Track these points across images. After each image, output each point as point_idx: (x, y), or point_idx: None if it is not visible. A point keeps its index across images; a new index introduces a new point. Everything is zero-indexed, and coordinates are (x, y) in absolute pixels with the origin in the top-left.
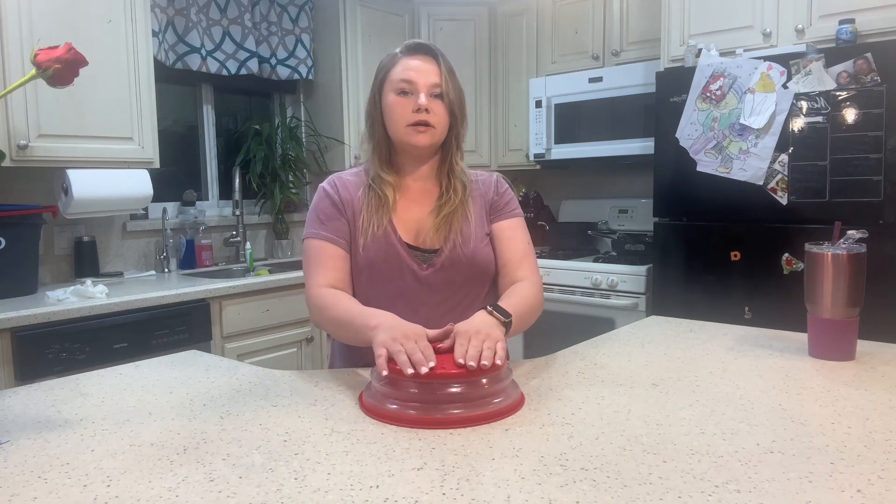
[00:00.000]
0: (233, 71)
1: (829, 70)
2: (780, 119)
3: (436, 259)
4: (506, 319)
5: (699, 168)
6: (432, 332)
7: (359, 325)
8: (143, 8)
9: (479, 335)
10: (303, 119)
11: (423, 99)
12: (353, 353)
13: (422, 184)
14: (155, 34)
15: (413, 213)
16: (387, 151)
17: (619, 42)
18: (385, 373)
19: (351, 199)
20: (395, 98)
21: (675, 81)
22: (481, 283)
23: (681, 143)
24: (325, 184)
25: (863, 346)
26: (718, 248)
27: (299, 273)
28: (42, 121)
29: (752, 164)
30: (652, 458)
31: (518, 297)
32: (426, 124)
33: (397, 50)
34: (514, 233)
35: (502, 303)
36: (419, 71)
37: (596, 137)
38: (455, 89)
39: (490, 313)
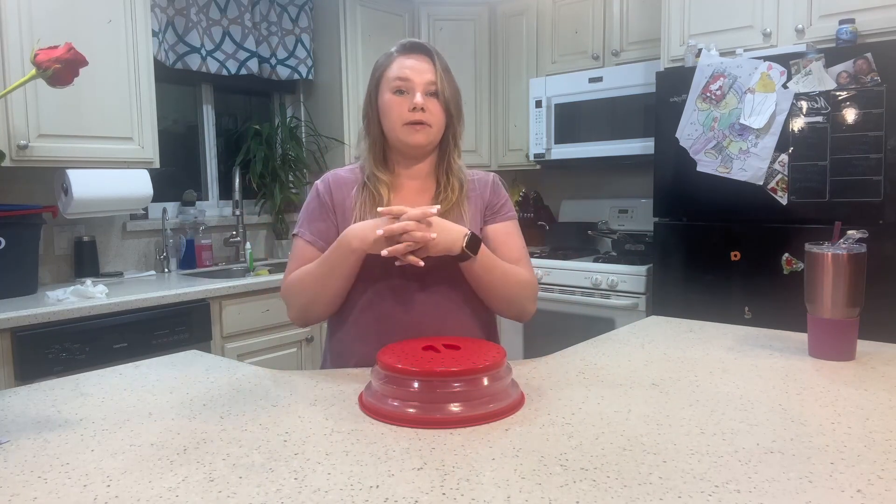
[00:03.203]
0: (233, 71)
1: (829, 70)
2: (780, 119)
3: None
4: (469, 250)
5: (699, 168)
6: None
7: (335, 257)
8: (143, 8)
9: (430, 228)
10: (303, 119)
11: (418, 98)
12: (343, 356)
13: (417, 182)
14: (155, 34)
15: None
16: (382, 150)
17: (619, 42)
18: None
19: (343, 198)
20: (391, 97)
21: (675, 81)
22: None
23: (681, 143)
24: (319, 182)
25: (863, 346)
26: (718, 248)
27: None
28: (42, 121)
29: (752, 164)
30: (652, 458)
31: (508, 266)
32: (422, 123)
33: (393, 49)
34: (509, 237)
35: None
36: (414, 69)
37: (596, 137)
38: (451, 87)
39: (467, 237)
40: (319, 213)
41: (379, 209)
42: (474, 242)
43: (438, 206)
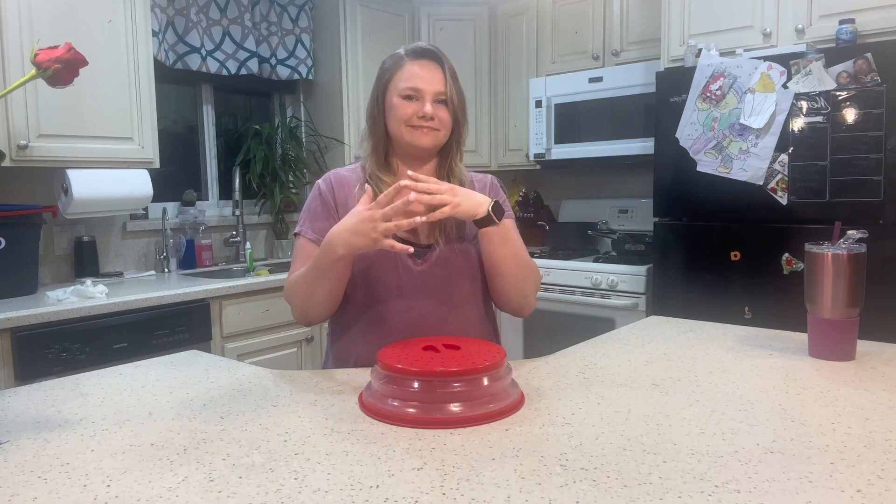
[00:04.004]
0: (233, 71)
1: (829, 70)
2: (780, 119)
3: (430, 254)
4: (494, 213)
5: (699, 168)
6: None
7: (323, 262)
8: (143, 8)
9: (448, 191)
10: (303, 119)
11: (428, 107)
12: (344, 357)
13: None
14: (155, 34)
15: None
16: (385, 151)
17: (619, 42)
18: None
19: (345, 197)
20: (400, 101)
21: (675, 81)
22: (475, 279)
23: (681, 143)
24: (321, 181)
25: (863, 346)
26: (718, 248)
27: None
28: (42, 121)
29: (752, 164)
30: (652, 458)
31: (521, 244)
32: (430, 129)
33: (401, 51)
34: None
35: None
36: (425, 78)
37: (596, 137)
38: (458, 93)
39: (492, 202)
40: (322, 211)
41: (408, 174)
42: (499, 207)
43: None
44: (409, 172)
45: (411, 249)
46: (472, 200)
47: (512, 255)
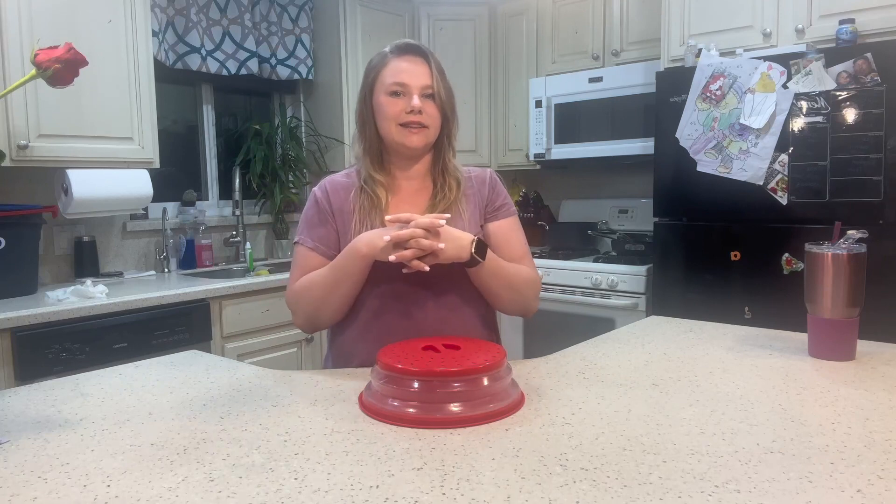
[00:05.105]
0: (233, 71)
1: (829, 70)
2: (780, 119)
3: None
4: (478, 255)
5: (699, 168)
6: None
7: (344, 263)
8: (143, 8)
9: (439, 237)
10: (303, 119)
11: (416, 101)
12: (345, 357)
13: (414, 183)
14: (155, 34)
15: (405, 212)
16: (378, 152)
17: (619, 42)
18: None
19: (342, 204)
20: (387, 99)
21: (675, 81)
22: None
23: (681, 143)
24: (316, 188)
25: (863, 346)
26: (718, 248)
27: None
28: (42, 121)
29: (752, 164)
30: (652, 458)
31: (513, 266)
32: (420, 125)
33: (387, 49)
34: (511, 233)
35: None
36: (410, 73)
37: (596, 137)
38: (446, 89)
39: (474, 243)
40: (319, 219)
41: (387, 217)
42: (482, 248)
43: (448, 216)
44: (387, 218)
45: (426, 268)
46: (457, 243)
47: (505, 285)
